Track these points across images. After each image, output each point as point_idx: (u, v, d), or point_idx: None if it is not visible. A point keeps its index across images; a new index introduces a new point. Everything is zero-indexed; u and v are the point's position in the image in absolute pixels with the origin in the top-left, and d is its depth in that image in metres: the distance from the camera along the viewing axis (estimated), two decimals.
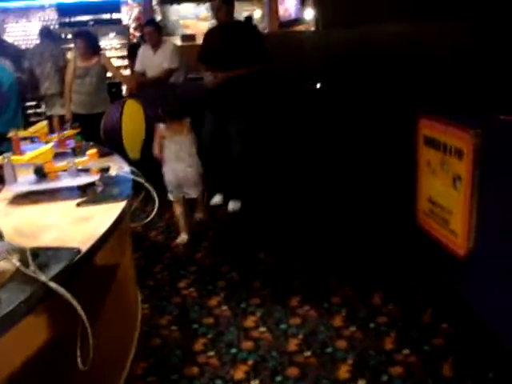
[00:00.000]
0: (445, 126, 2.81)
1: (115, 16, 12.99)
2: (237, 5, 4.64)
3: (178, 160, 4.13)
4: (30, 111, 10.09)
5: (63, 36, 11.45)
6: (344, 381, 2.47)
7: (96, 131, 5.44)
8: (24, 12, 14.25)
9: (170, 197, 4.28)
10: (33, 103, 9.61)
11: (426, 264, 3.24)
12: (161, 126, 4.13)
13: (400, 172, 3.45)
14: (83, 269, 1.73)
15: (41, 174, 2.36)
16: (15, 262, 1.47)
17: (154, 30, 5.75)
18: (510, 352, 2.36)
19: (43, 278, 1.44)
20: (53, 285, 1.44)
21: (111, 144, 5.36)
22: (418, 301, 3.14)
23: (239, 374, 2.58)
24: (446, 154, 2.81)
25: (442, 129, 2.85)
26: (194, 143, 4.19)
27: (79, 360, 1.62)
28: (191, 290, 3.47)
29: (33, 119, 9.54)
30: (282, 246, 4.08)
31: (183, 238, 4.30)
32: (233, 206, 4.93)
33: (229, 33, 4.54)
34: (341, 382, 2.47)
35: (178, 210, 4.29)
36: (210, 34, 4.83)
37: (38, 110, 10.36)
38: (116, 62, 11.39)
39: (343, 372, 2.53)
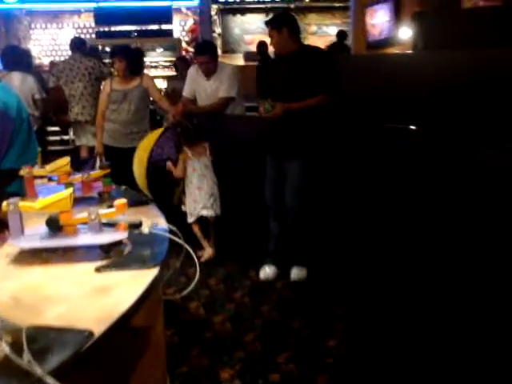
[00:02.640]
0: None
1: (165, 27, 13.19)
2: (315, 18, 4.79)
3: (203, 177, 5.40)
4: (53, 138, 10.37)
5: (100, 49, 11.61)
6: None
7: (132, 170, 5.53)
8: (54, 16, 14.63)
9: (191, 219, 5.44)
10: (56, 129, 9.88)
11: None
12: (186, 150, 5.42)
13: None
14: (95, 356, 1.69)
15: (55, 226, 2.35)
16: (5, 347, 1.43)
17: (209, 59, 5.79)
18: None
19: (39, 371, 1.39)
20: (51, 381, 1.40)
21: (155, 187, 5.46)
22: None
23: None
24: None
25: None
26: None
27: None
28: (236, 383, 3.40)
29: (55, 148, 9.84)
30: (360, 331, 3.98)
31: (209, 252, 5.40)
32: (297, 273, 4.87)
33: (290, 65, 4.69)
34: None
35: (197, 228, 5.48)
36: (270, 68, 5.11)
37: (65, 137, 10.70)
38: (162, 84, 11.64)
39: None
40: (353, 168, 4.78)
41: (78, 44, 8.13)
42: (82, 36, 13.11)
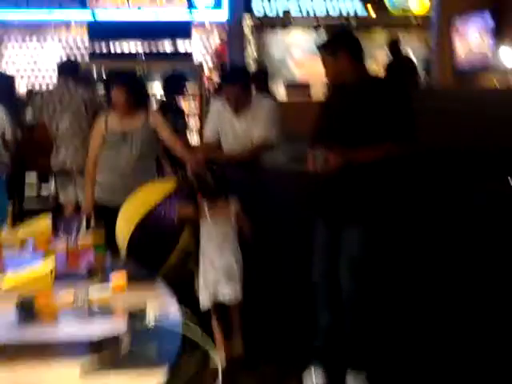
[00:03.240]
0: None
1: (182, 47, 13.28)
2: (384, 37, 4.79)
3: (219, 250, 5.17)
4: (29, 194, 10.43)
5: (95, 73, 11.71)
6: None
7: (134, 237, 5.52)
8: (34, 29, 14.75)
9: (205, 303, 5.15)
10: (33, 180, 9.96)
11: None
12: (203, 206, 5.17)
13: None
14: None
15: (28, 313, 2.36)
16: None
17: (241, 90, 5.80)
18: None
19: None
20: None
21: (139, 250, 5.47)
22: None
23: None
24: None
25: None
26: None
27: None
28: None
29: (33, 207, 9.89)
30: None
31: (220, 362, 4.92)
32: (354, 382, 4.79)
33: (349, 101, 4.70)
34: None
35: (215, 322, 5.18)
36: (325, 104, 5.07)
37: (44, 193, 10.81)
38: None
39: None
40: (432, 240, 4.75)
41: (69, 68, 8.11)
42: (72, 56, 13.29)
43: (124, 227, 5.30)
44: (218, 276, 5.18)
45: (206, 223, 5.23)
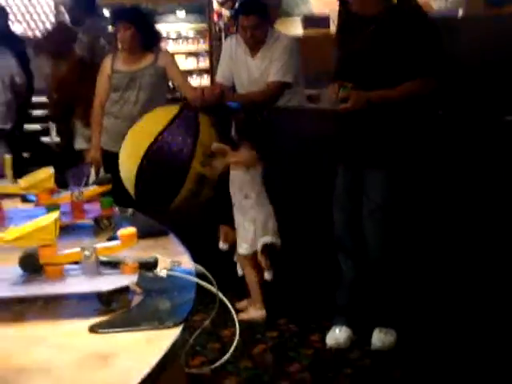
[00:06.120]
0: None
1: None
2: None
3: (265, 193, 5.42)
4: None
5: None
6: None
7: (141, 170, 5.50)
8: None
9: (244, 249, 5.47)
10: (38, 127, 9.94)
11: None
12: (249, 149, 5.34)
13: None
14: None
15: (32, 267, 2.36)
16: None
17: (257, 22, 5.77)
18: None
19: None
20: None
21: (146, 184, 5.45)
22: None
23: None
24: None
25: None
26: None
27: None
28: None
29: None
30: None
31: (261, 313, 5.38)
32: (381, 339, 4.80)
33: (375, 33, 4.62)
34: None
35: (251, 267, 5.51)
36: (343, 37, 4.98)
37: (45, 139, 10.82)
38: (185, 64, 11.68)
39: None
40: (464, 183, 4.72)
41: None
42: None
43: (129, 163, 5.16)
44: (265, 220, 5.43)
45: (253, 167, 5.41)
